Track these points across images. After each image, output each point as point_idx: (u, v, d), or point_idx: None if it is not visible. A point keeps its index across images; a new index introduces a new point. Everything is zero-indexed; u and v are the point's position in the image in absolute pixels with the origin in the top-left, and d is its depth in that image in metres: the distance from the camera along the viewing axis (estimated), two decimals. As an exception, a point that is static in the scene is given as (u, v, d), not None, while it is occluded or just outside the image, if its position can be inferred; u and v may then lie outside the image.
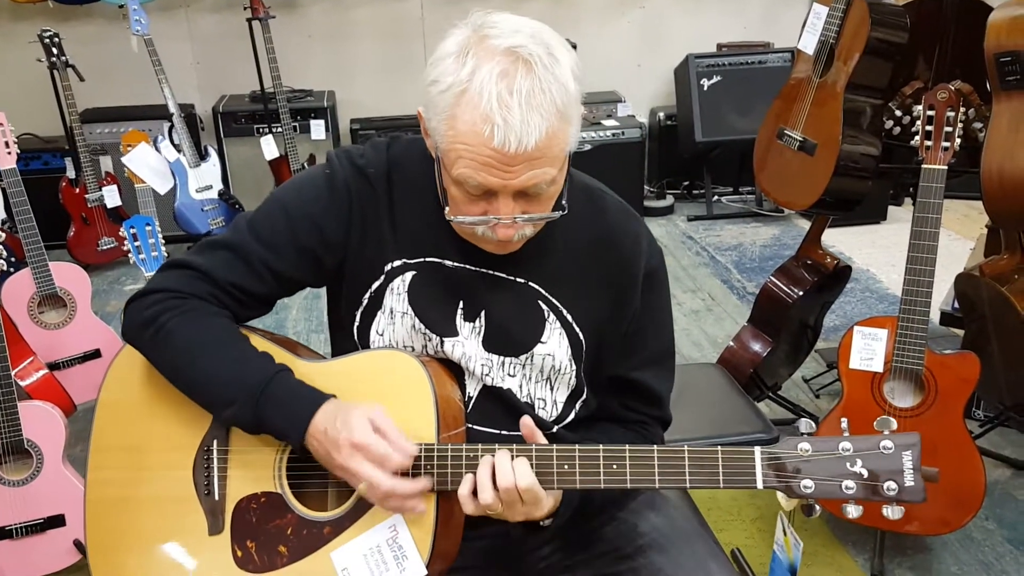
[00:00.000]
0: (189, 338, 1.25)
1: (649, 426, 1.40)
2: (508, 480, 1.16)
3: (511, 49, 1.11)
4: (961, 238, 4.21)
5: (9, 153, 2.63)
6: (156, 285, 1.29)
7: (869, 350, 2.11)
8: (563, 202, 1.22)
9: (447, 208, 1.19)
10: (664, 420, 1.42)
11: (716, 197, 5.05)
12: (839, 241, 4.38)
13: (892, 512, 1.13)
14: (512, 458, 1.18)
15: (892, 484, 1.10)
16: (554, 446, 1.20)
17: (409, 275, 1.30)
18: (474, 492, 1.18)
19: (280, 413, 1.22)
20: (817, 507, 1.14)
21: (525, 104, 1.09)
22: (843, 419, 1.18)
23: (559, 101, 1.11)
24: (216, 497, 1.29)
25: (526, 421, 1.21)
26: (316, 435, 1.20)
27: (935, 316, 2.98)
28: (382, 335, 1.31)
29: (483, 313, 1.30)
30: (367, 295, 1.31)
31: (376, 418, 1.19)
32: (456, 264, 1.29)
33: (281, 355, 1.30)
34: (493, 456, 1.18)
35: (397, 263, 1.30)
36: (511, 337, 1.31)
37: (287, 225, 1.28)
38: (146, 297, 1.28)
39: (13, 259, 3.34)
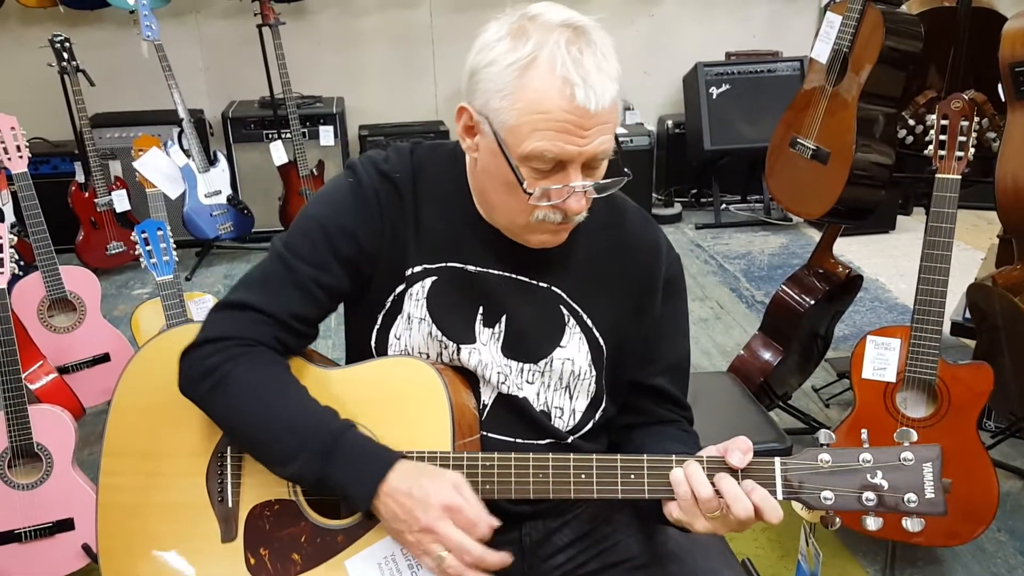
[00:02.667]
0: (250, 389, 1.20)
1: (682, 424, 1.40)
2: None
3: (567, 21, 1.14)
4: (971, 248, 4.19)
5: (21, 157, 2.64)
6: (217, 332, 1.23)
7: (882, 360, 2.10)
8: (626, 169, 1.22)
9: (524, 183, 1.16)
10: (691, 419, 1.43)
11: (724, 205, 5.05)
12: (848, 250, 4.37)
13: (912, 525, 1.11)
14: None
15: (912, 496, 1.09)
16: (571, 456, 1.19)
17: (429, 280, 1.29)
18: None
19: (348, 470, 1.16)
20: (837, 519, 1.13)
21: (596, 67, 1.12)
22: (863, 430, 1.16)
23: (616, 67, 1.15)
24: (229, 504, 1.29)
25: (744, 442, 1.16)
26: (393, 495, 1.14)
27: (945, 327, 2.97)
28: (399, 339, 1.31)
29: (504, 318, 1.30)
30: (390, 298, 1.30)
31: (458, 483, 1.15)
32: (479, 269, 1.29)
33: (295, 361, 1.30)
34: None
35: (418, 268, 1.29)
36: (530, 342, 1.30)
37: (325, 239, 1.26)
38: (207, 345, 1.23)
39: (23, 263, 3.36)
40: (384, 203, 1.28)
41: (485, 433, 1.30)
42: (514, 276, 1.29)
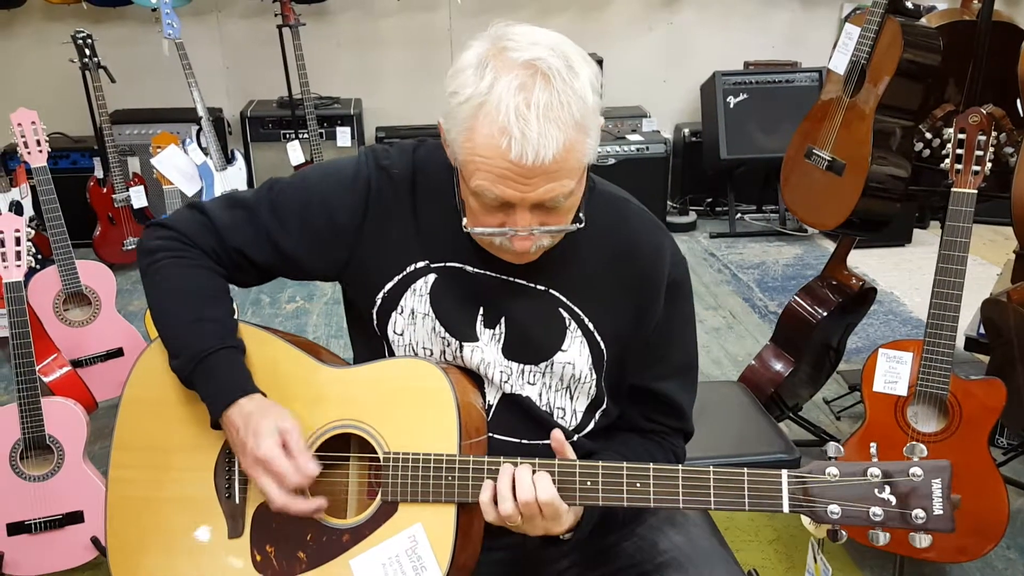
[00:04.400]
0: (172, 284, 1.31)
1: (669, 436, 1.39)
2: (528, 494, 1.16)
3: (529, 62, 1.10)
4: (987, 263, 4.17)
5: (40, 151, 2.66)
6: (172, 222, 1.35)
7: (894, 373, 2.09)
8: (580, 215, 1.22)
9: (464, 219, 1.20)
10: (686, 432, 1.42)
11: (739, 215, 5.04)
12: (863, 263, 4.35)
13: (920, 540, 1.10)
14: (533, 471, 1.18)
15: (920, 512, 1.09)
16: (577, 462, 1.19)
17: (432, 277, 1.30)
18: (495, 501, 1.18)
19: (207, 387, 1.26)
20: (843, 532, 1.12)
21: (543, 117, 1.08)
22: (872, 444, 1.16)
23: (577, 113, 1.11)
24: (237, 500, 1.29)
25: (556, 435, 1.21)
26: (231, 424, 1.24)
27: (959, 341, 2.95)
28: (401, 335, 1.32)
29: (503, 320, 1.30)
30: (380, 295, 1.31)
31: (285, 430, 1.21)
32: (477, 270, 1.29)
33: (303, 360, 1.31)
34: (515, 467, 1.18)
35: (420, 264, 1.30)
36: (531, 344, 1.30)
37: (302, 205, 1.31)
38: (160, 229, 1.35)
39: (40, 256, 3.39)
40: (374, 195, 1.30)
41: (491, 434, 1.30)
42: (513, 279, 1.30)
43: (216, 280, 1.33)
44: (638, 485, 1.17)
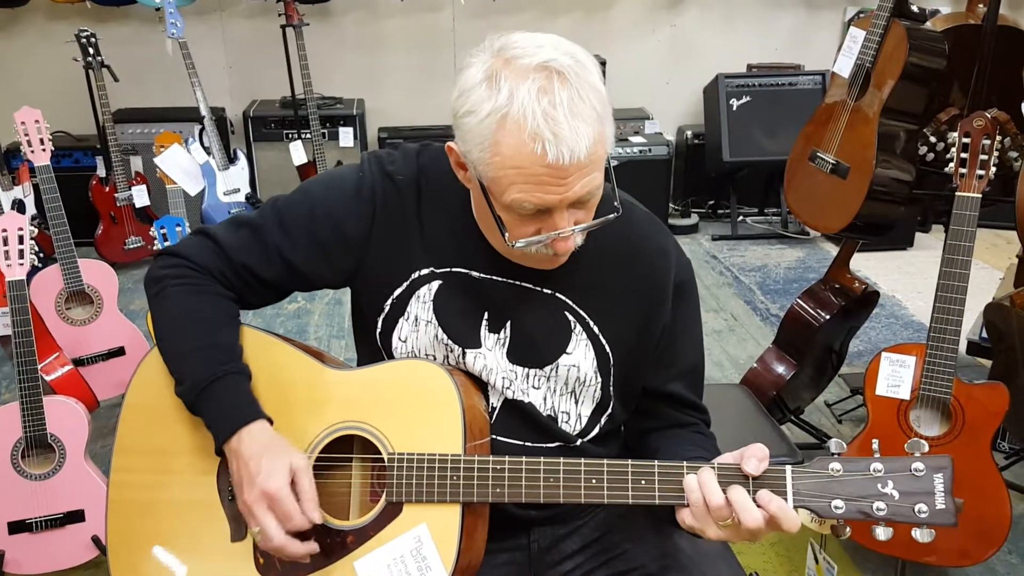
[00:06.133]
0: (178, 310, 1.30)
1: (699, 426, 1.40)
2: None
3: (543, 64, 1.10)
4: (989, 267, 4.17)
5: (44, 150, 2.66)
6: (179, 250, 1.35)
7: (896, 377, 2.09)
8: (615, 203, 1.21)
9: (506, 235, 1.17)
10: (708, 421, 1.43)
11: (741, 217, 5.04)
12: (865, 266, 4.35)
13: (922, 535, 1.11)
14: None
15: (923, 506, 1.09)
16: (582, 460, 1.19)
17: (436, 284, 1.30)
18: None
19: (211, 413, 1.26)
20: (847, 528, 1.13)
21: (570, 115, 1.08)
22: (874, 440, 1.16)
23: (597, 105, 1.12)
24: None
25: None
26: (236, 456, 1.22)
27: (962, 346, 2.95)
28: (404, 341, 1.31)
29: (508, 324, 1.30)
30: (389, 301, 1.31)
31: (299, 471, 1.21)
32: (483, 275, 1.29)
33: (308, 363, 1.31)
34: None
35: (425, 271, 1.30)
36: (536, 348, 1.30)
37: (308, 218, 1.30)
38: (168, 257, 1.35)
39: (43, 255, 3.39)
40: (380, 202, 1.29)
41: (495, 436, 1.30)
42: (518, 283, 1.29)
43: (223, 304, 1.32)
44: (643, 482, 1.17)
